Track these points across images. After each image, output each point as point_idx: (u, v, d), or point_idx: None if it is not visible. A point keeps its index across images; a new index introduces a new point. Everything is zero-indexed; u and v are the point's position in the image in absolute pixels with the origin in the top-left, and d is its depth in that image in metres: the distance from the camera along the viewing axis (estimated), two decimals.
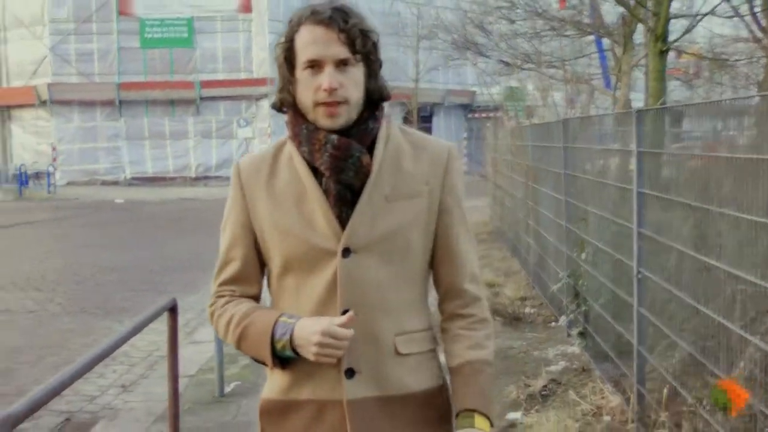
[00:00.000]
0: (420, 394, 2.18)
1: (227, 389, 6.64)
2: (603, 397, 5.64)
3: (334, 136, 2.11)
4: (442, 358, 2.27)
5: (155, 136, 37.29)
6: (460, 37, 20.62)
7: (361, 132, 2.14)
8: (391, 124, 2.25)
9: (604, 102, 20.89)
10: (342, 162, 2.10)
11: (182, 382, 7.04)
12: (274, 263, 2.21)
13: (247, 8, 36.93)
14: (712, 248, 3.91)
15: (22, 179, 32.44)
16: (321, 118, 2.11)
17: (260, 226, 2.20)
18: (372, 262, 2.13)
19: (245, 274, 2.25)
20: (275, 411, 2.22)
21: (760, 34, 16.53)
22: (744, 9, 14.48)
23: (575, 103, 29.03)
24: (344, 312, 2.09)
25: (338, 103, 2.09)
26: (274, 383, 2.23)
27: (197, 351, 8.07)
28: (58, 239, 18.49)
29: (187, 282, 11.94)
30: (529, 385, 6.21)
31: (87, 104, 36.97)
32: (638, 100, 20.61)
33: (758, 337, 3.59)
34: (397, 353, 2.16)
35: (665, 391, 4.49)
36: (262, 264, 2.26)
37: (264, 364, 2.17)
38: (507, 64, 20.08)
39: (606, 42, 19.07)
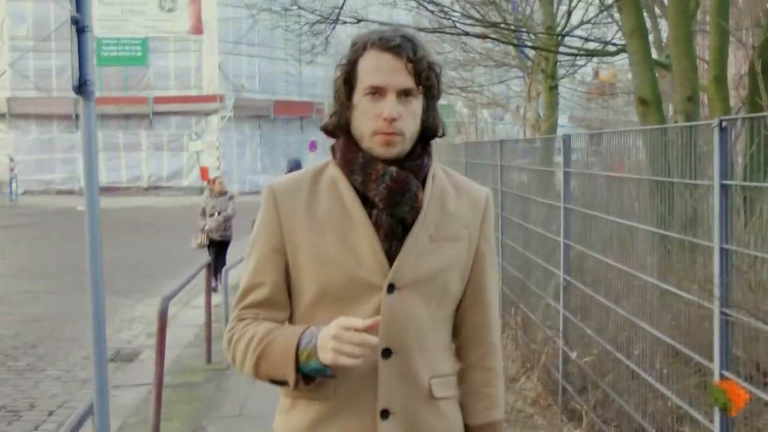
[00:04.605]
0: None
1: None
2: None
3: (393, 168, 2.04)
4: None
5: (110, 148, 39.11)
6: None
7: (416, 167, 2.08)
8: (435, 163, 2.19)
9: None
10: (399, 196, 2.03)
11: (193, 330, 9.93)
12: (307, 291, 2.09)
13: (198, 30, 39.42)
14: (532, 221, 6.98)
15: None
16: (376, 147, 2.03)
17: (295, 250, 2.09)
18: (414, 301, 2.05)
19: (274, 299, 2.12)
20: None
21: None
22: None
23: (498, 120, 32.28)
24: (384, 350, 2.02)
25: (395, 134, 2.01)
26: (293, 419, 2.11)
27: (196, 315, 10.91)
28: (38, 240, 20.76)
29: (170, 271, 14.43)
30: None
31: (44, 117, 38.96)
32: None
33: (558, 270, 6.58)
34: (432, 396, 2.09)
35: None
36: (290, 290, 2.14)
37: (283, 384, 2.03)
38: None
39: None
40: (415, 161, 2.08)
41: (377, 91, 2.02)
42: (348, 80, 2.07)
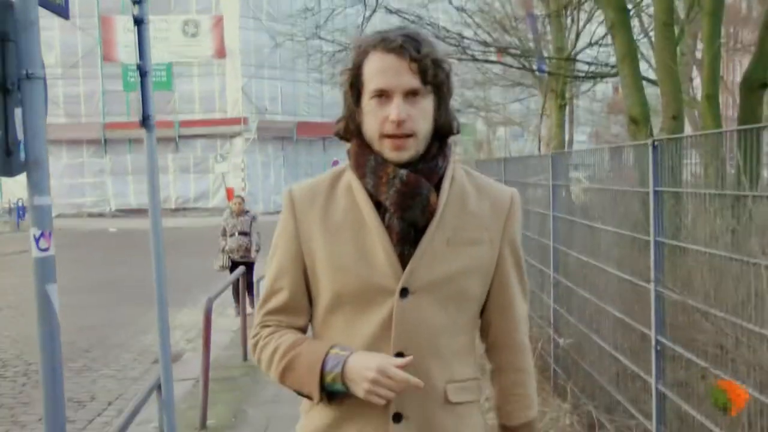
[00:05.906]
0: None
1: None
2: None
3: (404, 171, 2.01)
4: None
5: (137, 171, 39.55)
6: None
7: (430, 169, 2.05)
8: (457, 164, 2.15)
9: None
10: (410, 199, 2.00)
11: (229, 335, 10.85)
12: (323, 297, 2.11)
13: (221, 54, 40.44)
14: (531, 230, 7.85)
15: (20, 213, 35.52)
16: (387, 151, 2.02)
17: (312, 257, 2.10)
18: (428, 306, 2.03)
19: (293, 305, 2.15)
20: None
21: None
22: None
23: (518, 138, 33.11)
24: (397, 354, 2.01)
25: (406, 136, 1.99)
26: (312, 421, 2.14)
27: (230, 322, 11.87)
28: (76, 260, 21.71)
29: (204, 287, 15.29)
30: None
31: (74, 143, 40.00)
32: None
33: (549, 269, 7.43)
34: (447, 401, 2.08)
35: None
36: (310, 295, 2.15)
37: (308, 397, 2.08)
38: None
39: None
40: (428, 163, 2.06)
41: (383, 94, 2.00)
42: (354, 84, 2.07)
